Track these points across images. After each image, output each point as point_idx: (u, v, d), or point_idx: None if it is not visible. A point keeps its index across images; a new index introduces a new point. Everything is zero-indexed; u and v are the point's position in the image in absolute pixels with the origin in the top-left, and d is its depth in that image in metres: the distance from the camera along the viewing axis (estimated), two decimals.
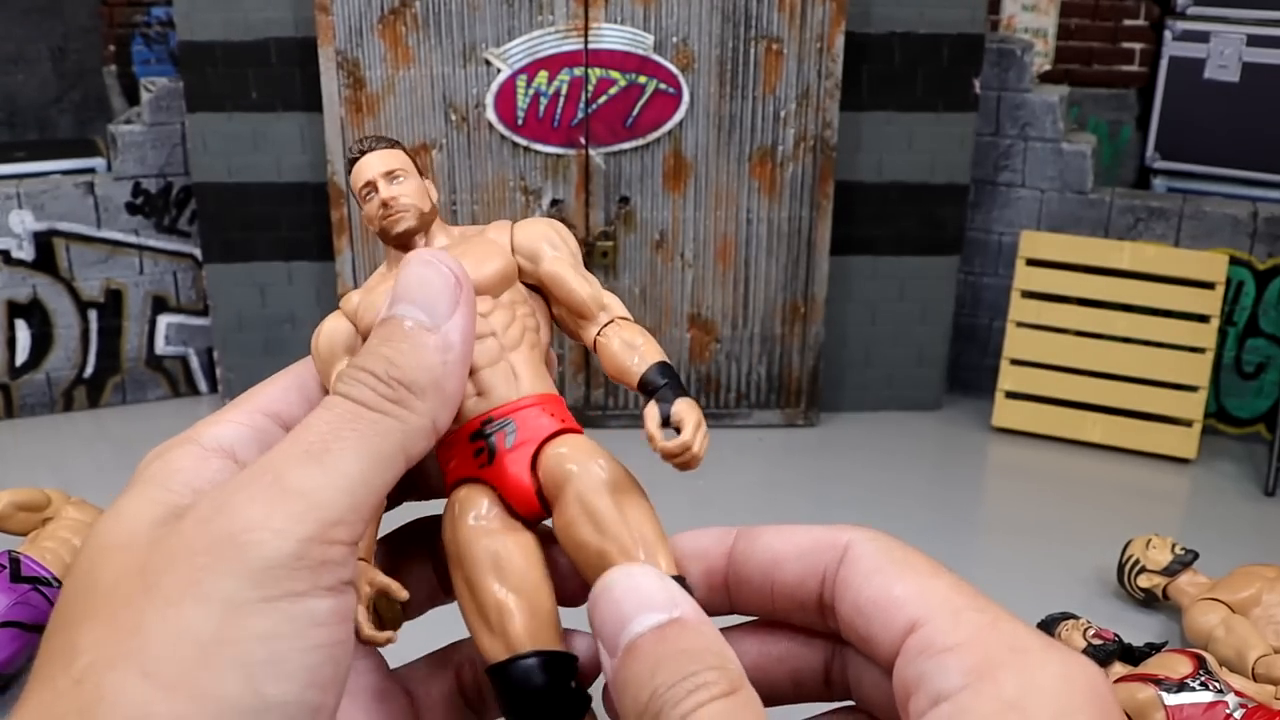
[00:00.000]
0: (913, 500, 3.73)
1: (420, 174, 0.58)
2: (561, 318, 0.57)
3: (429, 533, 0.53)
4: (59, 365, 4.22)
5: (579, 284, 0.55)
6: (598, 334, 0.55)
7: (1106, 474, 3.91)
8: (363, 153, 0.58)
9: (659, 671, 0.39)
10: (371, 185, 0.57)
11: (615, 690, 0.41)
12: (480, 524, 0.50)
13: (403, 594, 0.49)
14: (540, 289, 0.57)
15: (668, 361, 0.54)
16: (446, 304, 0.47)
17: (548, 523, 0.51)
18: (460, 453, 0.51)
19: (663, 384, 0.52)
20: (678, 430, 0.50)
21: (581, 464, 0.49)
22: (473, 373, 0.51)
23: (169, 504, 0.43)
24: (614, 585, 0.43)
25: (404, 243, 0.57)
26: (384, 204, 0.56)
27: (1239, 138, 4.41)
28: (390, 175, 0.57)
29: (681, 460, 0.49)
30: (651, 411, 0.50)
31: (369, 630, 0.48)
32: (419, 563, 0.54)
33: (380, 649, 0.51)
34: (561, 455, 0.50)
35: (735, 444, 4.00)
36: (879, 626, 0.41)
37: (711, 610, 0.45)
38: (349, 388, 0.44)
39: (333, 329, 0.55)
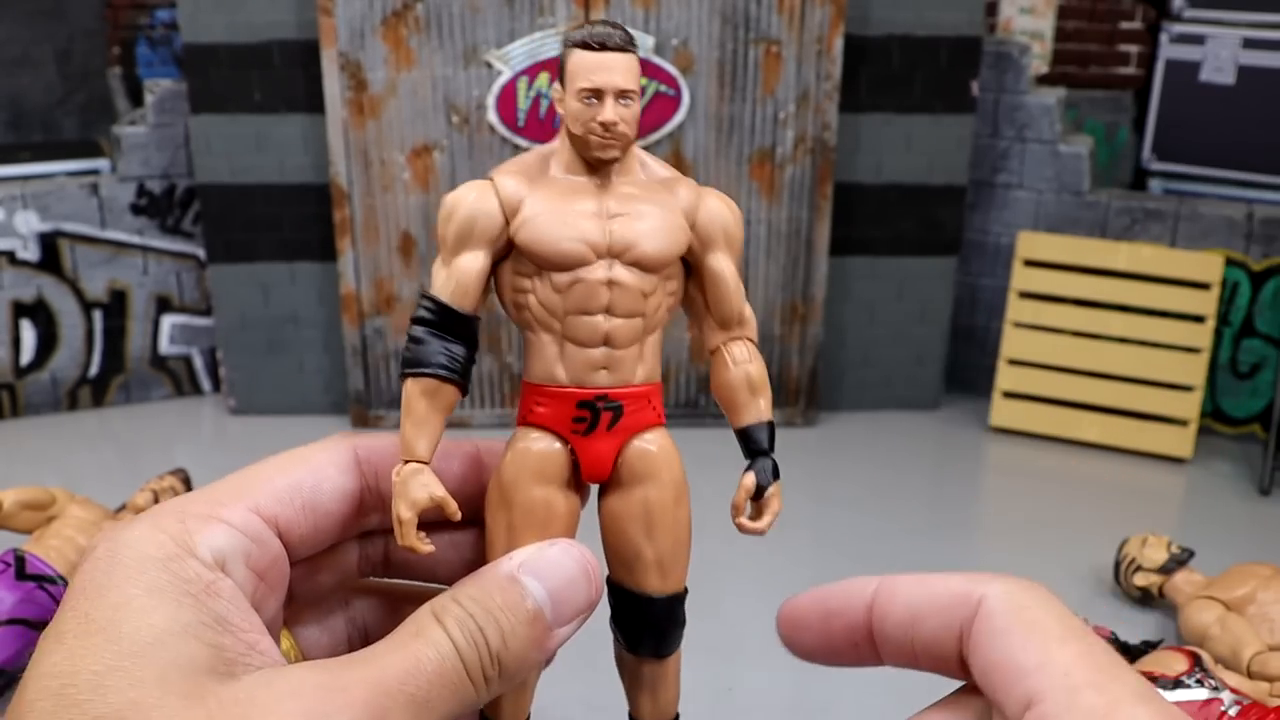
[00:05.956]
0: (911, 499, 3.75)
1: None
2: (693, 304, 0.57)
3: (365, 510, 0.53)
4: (64, 365, 4.25)
5: (735, 295, 0.55)
6: (722, 344, 0.56)
7: (1103, 473, 3.93)
8: (603, 46, 0.53)
9: None
10: (597, 93, 0.52)
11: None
12: (541, 473, 0.52)
13: (456, 514, 0.50)
14: (691, 267, 0.56)
15: (774, 422, 0.57)
16: (572, 613, 0.48)
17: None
18: (558, 409, 0.52)
19: (765, 450, 0.57)
20: (757, 496, 0.56)
21: (663, 475, 0.54)
22: (609, 342, 0.52)
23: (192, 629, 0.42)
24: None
25: (598, 163, 0.54)
26: (604, 125, 0.52)
27: (1234, 140, 4.43)
28: (623, 95, 0.52)
29: (747, 533, 0.56)
30: (749, 484, 0.56)
31: (413, 540, 0.50)
32: (344, 547, 0.54)
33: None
34: (651, 454, 0.53)
35: (735, 443, 4.02)
36: (1003, 695, 0.39)
37: (863, 664, 0.45)
38: (462, 639, 0.44)
39: (481, 210, 0.52)
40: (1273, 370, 4.01)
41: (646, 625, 0.54)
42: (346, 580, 0.54)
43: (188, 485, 3.28)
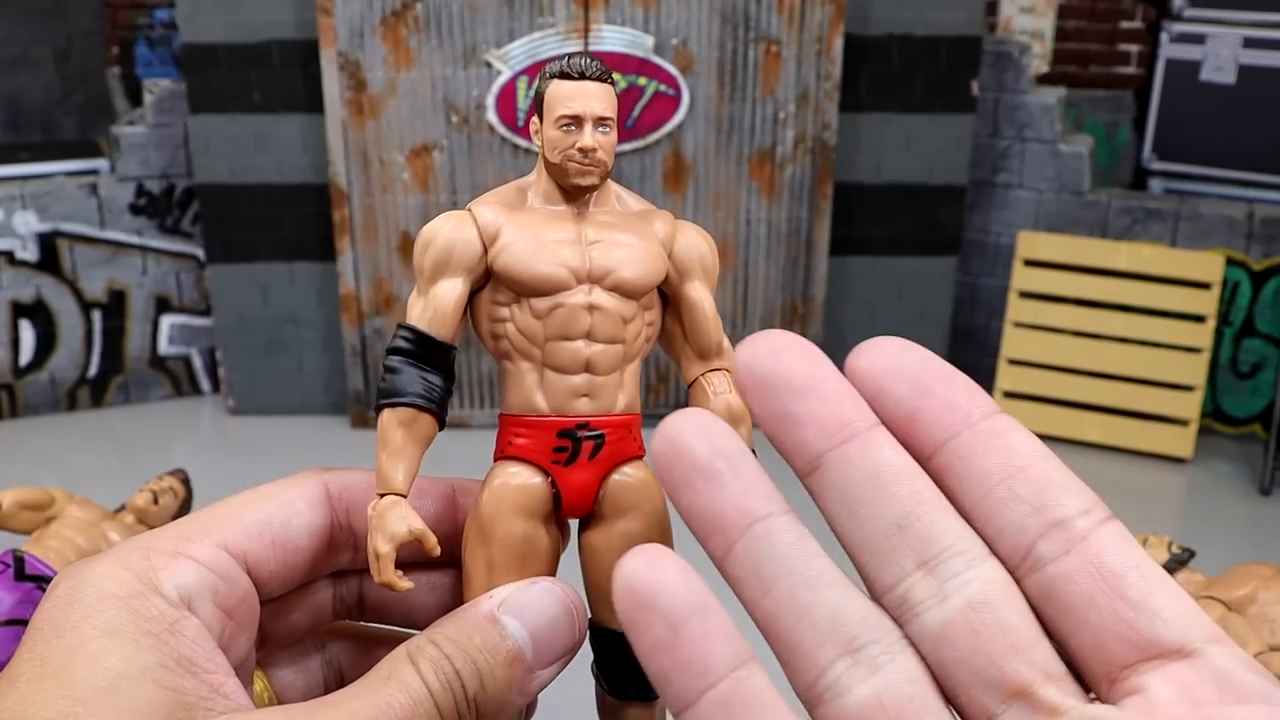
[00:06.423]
0: None
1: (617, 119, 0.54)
2: (671, 337, 0.56)
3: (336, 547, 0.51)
4: (63, 365, 4.24)
5: (713, 325, 0.55)
6: (700, 375, 0.56)
7: (1104, 473, 3.92)
8: (583, 75, 0.53)
9: None
10: (576, 120, 0.53)
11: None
12: (522, 507, 0.50)
13: (436, 549, 0.49)
14: (667, 297, 0.56)
15: (756, 450, 0.55)
16: (555, 654, 0.46)
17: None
18: (539, 439, 0.52)
19: None
20: None
21: (645, 508, 0.52)
22: (590, 369, 0.52)
23: (157, 668, 0.41)
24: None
25: (576, 192, 0.54)
26: (583, 151, 0.52)
27: (1235, 139, 4.43)
28: (601, 122, 0.53)
29: None
30: None
31: (390, 576, 0.48)
32: (318, 585, 0.53)
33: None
34: (633, 487, 0.52)
35: None
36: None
37: None
38: (436, 682, 0.43)
39: (459, 238, 0.52)
40: (1273, 370, 4.01)
41: (632, 667, 0.51)
42: (321, 621, 0.53)
43: (187, 485, 3.28)
